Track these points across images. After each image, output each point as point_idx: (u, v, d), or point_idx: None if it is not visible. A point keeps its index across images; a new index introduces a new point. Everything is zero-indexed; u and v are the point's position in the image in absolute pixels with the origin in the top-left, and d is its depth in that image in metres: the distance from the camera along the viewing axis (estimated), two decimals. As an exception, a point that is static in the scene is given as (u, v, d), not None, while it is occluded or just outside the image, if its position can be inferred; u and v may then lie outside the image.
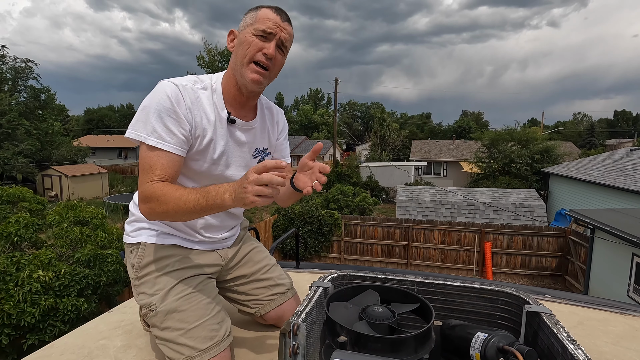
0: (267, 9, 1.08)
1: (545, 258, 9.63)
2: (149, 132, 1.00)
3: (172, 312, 1.07)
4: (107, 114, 52.07)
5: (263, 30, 1.05)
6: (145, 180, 1.00)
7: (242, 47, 1.08)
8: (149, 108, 1.02)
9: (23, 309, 3.75)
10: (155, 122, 1.01)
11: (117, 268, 4.78)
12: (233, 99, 1.15)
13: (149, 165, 1.01)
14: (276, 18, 1.07)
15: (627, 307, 1.55)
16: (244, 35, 1.08)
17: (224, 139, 1.14)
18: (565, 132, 45.55)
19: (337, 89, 22.35)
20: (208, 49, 27.35)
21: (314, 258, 10.52)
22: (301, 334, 0.78)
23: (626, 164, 12.96)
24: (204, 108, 1.10)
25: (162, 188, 0.98)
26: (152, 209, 1.00)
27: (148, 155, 1.01)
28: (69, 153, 22.26)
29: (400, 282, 1.10)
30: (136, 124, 1.02)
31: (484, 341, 0.84)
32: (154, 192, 0.98)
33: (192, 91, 1.08)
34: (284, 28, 1.08)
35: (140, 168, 1.04)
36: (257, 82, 1.09)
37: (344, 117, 53.08)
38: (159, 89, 1.04)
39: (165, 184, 0.99)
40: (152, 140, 1.00)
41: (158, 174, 1.00)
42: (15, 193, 5.56)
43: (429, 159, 26.34)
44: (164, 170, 1.01)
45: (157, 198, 0.97)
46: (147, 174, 1.01)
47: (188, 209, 0.95)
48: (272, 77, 1.13)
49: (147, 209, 1.01)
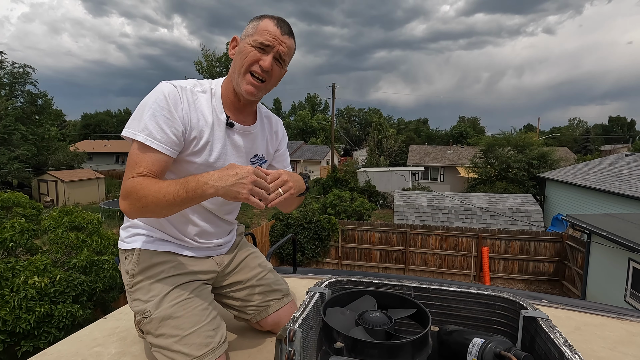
0: (270, 20, 1.08)
1: (543, 263, 9.64)
2: (140, 129, 1.00)
3: (167, 319, 1.06)
4: (104, 119, 51.95)
5: (261, 42, 1.06)
6: (128, 176, 0.99)
7: (240, 56, 1.08)
8: (144, 106, 1.02)
9: (18, 315, 3.71)
10: (148, 120, 1.01)
11: (113, 274, 4.74)
12: (231, 104, 1.16)
13: (134, 162, 1.00)
14: (276, 31, 1.07)
15: (624, 312, 1.55)
16: (244, 45, 1.08)
17: (221, 141, 1.13)
18: (561, 138, 45.83)
19: (334, 94, 22.45)
20: (206, 54, 27.47)
21: (311, 263, 10.48)
22: (297, 340, 0.77)
23: (621, 169, 13.06)
24: (202, 110, 1.10)
25: (141, 182, 0.97)
26: (131, 204, 0.98)
27: (135, 153, 1.01)
28: (65, 158, 22.18)
29: (397, 287, 1.10)
30: (131, 122, 1.03)
31: (481, 346, 0.84)
32: (133, 187, 0.96)
33: (191, 93, 1.09)
34: (282, 42, 1.08)
35: (126, 165, 1.03)
36: (251, 93, 1.09)
37: (341, 123, 53.24)
38: (157, 89, 1.05)
39: (145, 178, 0.98)
40: (142, 137, 0.99)
41: (141, 170, 0.99)
42: (10, 198, 5.52)
43: (426, 164, 26.44)
44: (148, 168, 1.00)
45: (136, 192, 0.95)
46: (130, 170, 1.00)
47: (168, 202, 0.94)
48: (268, 88, 1.14)
49: (126, 206, 0.99)
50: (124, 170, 1.03)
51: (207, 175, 0.92)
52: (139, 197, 0.95)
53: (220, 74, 26.70)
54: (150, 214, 1.00)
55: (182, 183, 0.94)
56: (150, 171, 1.00)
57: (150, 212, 0.98)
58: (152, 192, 0.94)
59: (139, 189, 0.95)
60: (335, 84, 22.41)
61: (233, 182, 0.90)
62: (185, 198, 0.93)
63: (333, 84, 22.31)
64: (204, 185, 0.91)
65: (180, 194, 0.93)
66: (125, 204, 0.99)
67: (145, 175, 0.99)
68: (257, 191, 0.91)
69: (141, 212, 0.99)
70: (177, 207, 0.96)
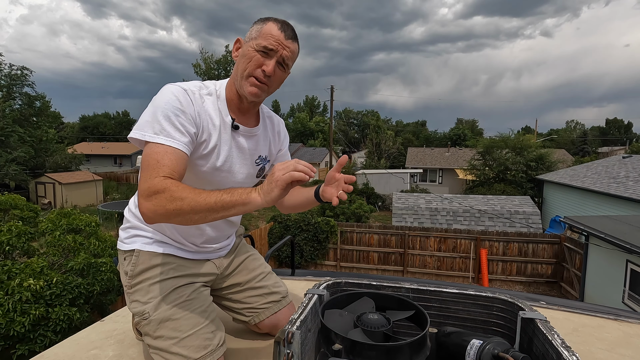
0: (274, 24, 1.07)
1: (541, 265, 9.66)
2: (157, 131, 0.97)
3: (166, 321, 1.06)
4: (102, 121, 51.86)
5: (264, 46, 1.05)
6: (152, 175, 0.92)
7: (244, 60, 1.08)
8: (157, 108, 0.99)
9: (12, 318, 3.68)
10: (164, 121, 0.98)
11: (111, 277, 4.73)
12: (235, 106, 1.16)
13: (155, 161, 0.94)
14: (280, 35, 1.06)
15: (622, 314, 1.55)
16: (247, 48, 1.08)
17: (227, 144, 1.13)
18: (559, 140, 46.04)
19: (333, 96, 22.47)
20: (204, 57, 27.47)
21: (310, 265, 10.47)
22: (295, 342, 0.77)
23: (619, 171, 13.12)
24: (209, 113, 1.09)
25: (175, 183, 0.91)
26: (160, 205, 0.89)
27: (155, 151, 0.95)
28: (63, 160, 22.12)
29: (395, 289, 1.10)
30: (143, 125, 0.98)
31: (479, 348, 0.84)
32: (165, 187, 0.89)
33: (198, 96, 1.08)
34: (286, 46, 1.07)
35: (143, 166, 0.96)
36: (254, 95, 1.09)
37: (339, 125, 53.31)
38: (166, 91, 1.02)
39: (175, 180, 0.93)
40: (161, 138, 0.96)
41: (167, 170, 0.93)
42: (8, 201, 5.49)
43: (425, 166, 26.46)
44: (173, 167, 0.94)
45: (171, 192, 0.89)
46: (154, 169, 0.93)
47: (208, 205, 0.89)
48: (271, 90, 1.14)
49: (152, 207, 0.90)
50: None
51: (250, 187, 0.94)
52: (174, 198, 0.88)
53: (219, 76, 26.71)
54: (178, 218, 0.92)
55: (227, 189, 0.92)
56: (175, 171, 0.94)
57: (180, 215, 0.90)
58: (190, 195, 0.89)
59: (174, 190, 0.89)
60: (333, 86, 22.44)
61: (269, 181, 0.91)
62: (229, 202, 0.90)
63: (331, 86, 22.33)
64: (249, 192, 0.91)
65: (224, 197, 0.89)
66: (150, 205, 0.90)
67: (172, 175, 0.93)
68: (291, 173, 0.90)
69: (169, 215, 0.90)
70: (215, 213, 0.91)
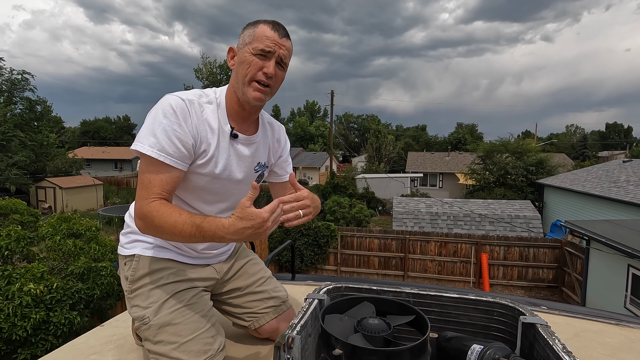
0: (265, 25, 1.07)
1: (542, 269, 9.62)
2: (152, 144, 0.99)
3: (166, 326, 1.06)
4: (103, 126, 51.94)
5: (262, 49, 1.05)
6: (143, 197, 0.99)
7: (243, 66, 1.08)
8: (154, 120, 1.01)
9: (14, 322, 3.67)
10: (160, 134, 0.99)
11: (111, 281, 4.71)
12: (235, 114, 1.15)
13: (148, 181, 1.00)
14: (274, 35, 1.06)
15: (623, 319, 1.55)
16: (244, 54, 1.08)
17: (226, 153, 1.13)
18: (559, 144, 46.05)
19: (333, 101, 22.54)
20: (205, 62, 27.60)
21: (310, 270, 10.43)
22: (296, 347, 0.77)
23: (619, 176, 13.11)
24: (209, 122, 1.09)
25: (158, 209, 0.97)
26: (146, 227, 1.00)
27: (148, 169, 1.00)
28: (63, 165, 22.13)
29: (396, 294, 1.10)
30: (141, 136, 1.01)
31: (480, 353, 0.84)
32: (149, 213, 0.97)
33: (198, 105, 1.08)
34: (282, 45, 1.08)
35: (139, 181, 1.02)
36: (259, 99, 1.10)
37: (340, 129, 53.38)
38: (164, 103, 1.03)
39: (162, 203, 0.98)
40: (155, 153, 0.98)
41: (156, 190, 0.99)
42: (8, 205, 5.49)
43: (425, 170, 26.47)
44: (162, 187, 1.00)
45: (152, 220, 0.97)
46: (145, 189, 1.00)
47: (183, 237, 0.96)
48: (273, 92, 1.14)
49: (142, 226, 1.02)
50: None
51: (223, 229, 0.91)
52: (154, 226, 0.97)
53: (221, 81, 26.80)
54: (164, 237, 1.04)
55: (198, 227, 0.93)
56: (164, 190, 1.01)
57: (163, 238, 1.05)
58: (167, 225, 0.95)
59: (155, 217, 0.96)
60: (334, 90, 22.54)
61: (249, 234, 0.91)
62: (199, 239, 0.95)
63: (332, 90, 22.43)
64: (220, 238, 0.92)
65: (196, 236, 0.94)
66: (140, 224, 1.01)
67: (160, 196, 1.00)
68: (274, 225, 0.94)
69: (155, 235, 1.03)
70: (192, 239, 0.96)
